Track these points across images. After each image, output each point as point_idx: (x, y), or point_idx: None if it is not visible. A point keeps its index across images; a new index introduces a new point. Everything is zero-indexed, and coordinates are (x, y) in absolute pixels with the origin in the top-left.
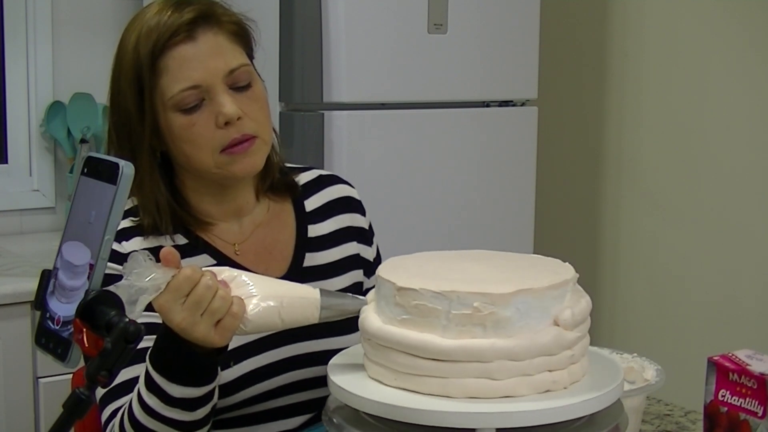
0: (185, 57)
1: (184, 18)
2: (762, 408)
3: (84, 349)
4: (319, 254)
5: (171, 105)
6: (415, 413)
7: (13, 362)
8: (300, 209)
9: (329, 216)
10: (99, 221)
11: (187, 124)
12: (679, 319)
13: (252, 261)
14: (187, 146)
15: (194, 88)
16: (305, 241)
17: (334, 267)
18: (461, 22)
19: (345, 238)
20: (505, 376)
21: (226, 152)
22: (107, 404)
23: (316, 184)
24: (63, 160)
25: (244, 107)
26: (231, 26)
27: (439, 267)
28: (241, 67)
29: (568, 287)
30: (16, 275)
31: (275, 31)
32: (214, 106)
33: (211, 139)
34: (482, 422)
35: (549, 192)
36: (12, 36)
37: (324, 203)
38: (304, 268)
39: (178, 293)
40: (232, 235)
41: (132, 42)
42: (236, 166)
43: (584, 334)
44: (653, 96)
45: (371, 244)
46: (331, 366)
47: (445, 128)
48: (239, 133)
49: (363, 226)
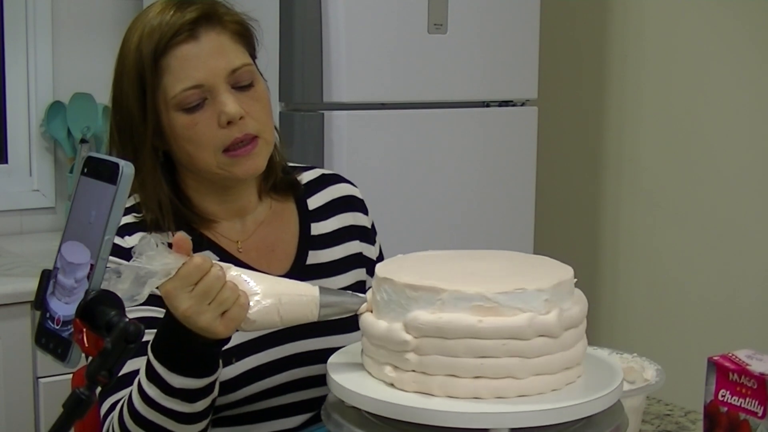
0: (187, 56)
1: (187, 17)
2: (762, 408)
3: (84, 349)
4: (321, 252)
5: (173, 104)
6: (417, 412)
7: (13, 362)
8: (303, 208)
9: (332, 214)
10: (99, 221)
11: (189, 123)
12: (679, 319)
13: (255, 259)
14: (190, 146)
15: (196, 88)
16: (308, 239)
17: (336, 265)
18: (461, 22)
19: (348, 236)
20: (501, 375)
21: (229, 154)
22: (107, 397)
23: (318, 183)
24: (63, 160)
25: (247, 107)
26: (233, 26)
27: (439, 266)
28: (243, 66)
29: (566, 288)
30: (16, 275)
31: (275, 31)
32: (217, 106)
33: (213, 138)
34: (482, 422)
35: (549, 192)
36: (12, 36)
37: (326, 202)
38: (307, 266)
39: (187, 281)
40: (235, 233)
41: (134, 41)
42: (238, 168)
43: (581, 336)
44: (653, 96)
45: (374, 242)
46: (330, 364)
47: (445, 128)
48: (241, 132)
49: (365, 224)
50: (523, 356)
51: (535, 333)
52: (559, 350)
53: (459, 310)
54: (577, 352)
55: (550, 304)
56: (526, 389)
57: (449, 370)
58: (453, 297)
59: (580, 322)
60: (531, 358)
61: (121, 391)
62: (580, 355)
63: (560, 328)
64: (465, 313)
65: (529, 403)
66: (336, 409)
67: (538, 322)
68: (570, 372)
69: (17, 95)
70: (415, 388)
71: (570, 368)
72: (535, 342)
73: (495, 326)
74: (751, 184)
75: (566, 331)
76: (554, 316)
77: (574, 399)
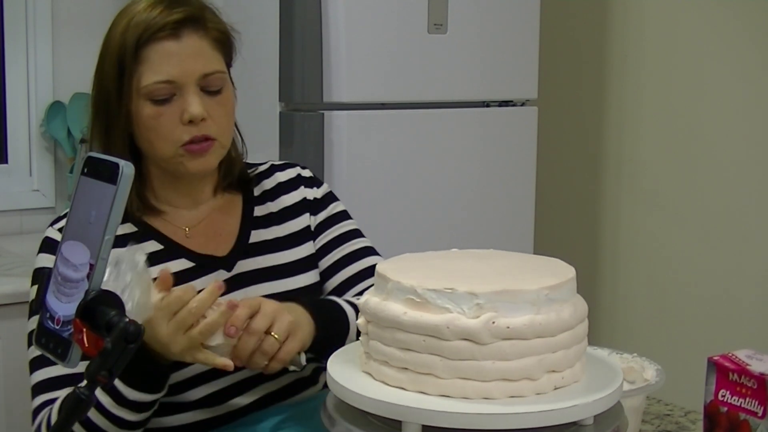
0: (167, 52)
1: (173, 17)
2: (762, 408)
3: (84, 349)
4: (265, 230)
5: (144, 93)
6: (416, 412)
7: (13, 362)
8: (249, 195)
9: (278, 195)
10: (99, 221)
11: (154, 114)
12: (679, 319)
13: (201, 244)
14: (152, 134)
15: (168, 83)
16: (250, 219)
17: (282, 241)
18: (461, 22)
19: (294, 213)
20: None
21: (185, 148)
22: (40, 393)
23: (267, 173)
24: (63, 160)
25: (211, 110)
26: (216, 33)
27: (439, 266)
28: (216, 73)
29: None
30: (16, 275)
31: (275, 31)
32: (182, 104)
33: (173, 132)
34: (482, 423)
35: (549, 192)
36: (12, 36)
37: (272, 186)
38: (250, 244)
39: (168, 310)
40: (185, 220)
41: (121, 28)
42: (191, 164)
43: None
44: (653, 96)
45: (322, 211)
46: (330, 362)
47: (445, 128)
48: (200, 132)
49: (315, 196)
50: (444, 356)
51: (456, 335)
52: (489, 358)
53: (395, 301)
54: (523, 366)
55: (481, 309)
56: (448, 390)
57: (383, 357)
58: (395, 287)
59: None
60: (453, 360)
61: (57, 392)
62: (525, 370)
63: (488, 335)
64: (399, 304)
65: (529, 403)
66: (335, 409)
67: (458, 324)
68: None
69: (17, 95)
70: (365, 368)
71: (512, 380)
72: (457, 344)
73: (415, 321)
74: (751, 184)
75: (505, 341)
76: (479, 323)
77: (575, 399)
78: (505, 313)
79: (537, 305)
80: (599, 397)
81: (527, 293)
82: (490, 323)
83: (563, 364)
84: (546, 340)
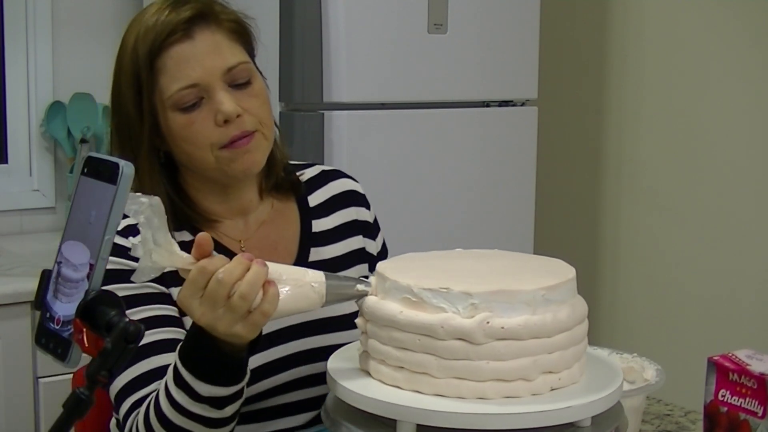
0: (183, 56)
1: (182, 17)
2: (762, 408)
3: (84, 349)
4: (324, 249)
5: (170, 104)
6: (411, 412)
7: (13, 362)
8: (304, 205)
9: (333, 210)
10: (99, 221)
11: (186, 122)
12: (679, 319)
13: (257, 257)
14: (188, 145)
15: (192, 87)
16: (310, 236)
17: (339, 261)
18: (461, 22)
19: (350, 232)
20: (418, 370)
21: (227, 148)
22: (126, 397)
23: (319, 180)
24: (63, 160)
25: (244, 104)
26: (229, 24)
27: (438, 266)
28: (239, 64)
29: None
30: (16, 275)
31: (275, 30)
32: (213, 105)
33: (210, 137)
34: (476, 423)
35: (549, 192)
36: (12, 36)
37: (328, 198)
38: (310, 263)
39: (195, 286)
40: (238, 232)
41: (131, 43)
42: (237, 164)
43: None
44: (653, 96)
45: (375, 237)
46: (330, 362)
47: (445, 128)
48: (239, 130)
49: (368, 219)
50: (438, 356)
51: (450, 335)
52: (484, 358)
53: (392, 300)
54: (518, 367)
55: (476, 309)
56: (443, 389)
57: (380, 356)
58: (392, 286)
59: (526, 336)
60: (448, 360)
61: (141, 390)
62: (520, 371)
63: (483, 335)
64: (395, 303)
65: (524, 404)
66: (336, 409)
67: (453, 324)
68: (509, 385)
69: (17, 95)
70: (363, 367)
71: (507, 381)
72: (451, 344)
73: (410, 320)
74: (751, 184)
75: (499, 341)
76: (473, 322)
77: (571, 400)
78: (501, 313)
79: (533, 306)
80: (596, 398)
81: (523, 294)
82: (484, 323)
83: (560, 365)
84: (542, 341)
